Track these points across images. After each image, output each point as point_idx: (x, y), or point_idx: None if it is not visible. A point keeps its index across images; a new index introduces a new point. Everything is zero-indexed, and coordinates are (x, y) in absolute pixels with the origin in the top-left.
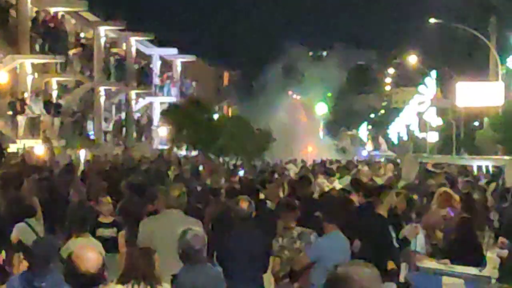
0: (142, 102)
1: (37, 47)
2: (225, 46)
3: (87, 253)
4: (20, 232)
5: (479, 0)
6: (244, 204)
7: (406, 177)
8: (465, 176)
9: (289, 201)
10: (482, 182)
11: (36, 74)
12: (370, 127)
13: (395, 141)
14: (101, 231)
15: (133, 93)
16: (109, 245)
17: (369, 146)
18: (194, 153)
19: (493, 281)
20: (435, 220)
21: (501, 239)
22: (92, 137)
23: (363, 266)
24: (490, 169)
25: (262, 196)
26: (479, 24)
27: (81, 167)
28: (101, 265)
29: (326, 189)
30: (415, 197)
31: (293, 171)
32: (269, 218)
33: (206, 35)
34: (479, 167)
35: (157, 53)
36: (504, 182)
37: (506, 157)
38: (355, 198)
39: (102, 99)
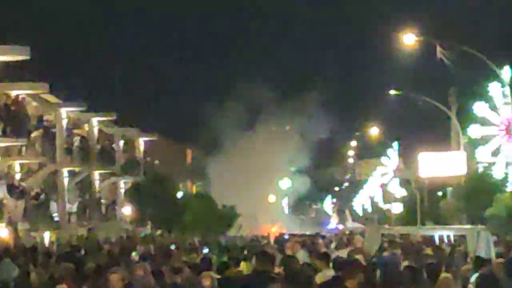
0: (106, 182)
1: None
2: (188, 124)
3: None
4: None
5: (438, 71)
6: (206, 281)
7: (368, 249)
8: (427, 246)
9: (272, 274)
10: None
11: None
12: (334, 200)
13: (360, 213)
14: None
15: (96, 174)
16: None
17: (335, 219)
18: (158, 232)
19: None
20: None
21: None
22: (56, 218)
23: None
24: (452, 238)
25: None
26: (439, 95)
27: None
28: None
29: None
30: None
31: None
32: None
33: (168, 113)
34: (441, 237)
35: (119, 132)
36: (467, 250)
37: (468, 226)
38: (327, 272)
39: (66, 180)
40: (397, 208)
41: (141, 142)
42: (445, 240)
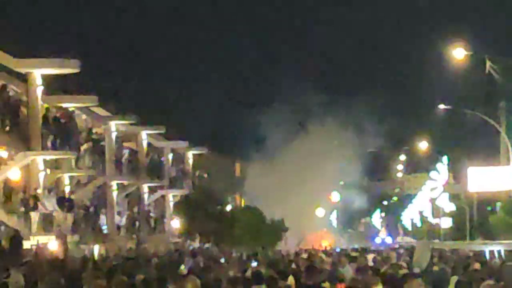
0: (155, 195)
1: (48, 144)
2: (237, 137)
3: None
4: None
5: (488, 85)
6: None
7: (418, 264)
8: (476, 260)
9: None
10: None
11: (48, 170)
12: (383, 214)
13: (409, 228)
14: None
15: (145, 187)
16: None
17: (383, 233)
18: (207, 245)
19: None
20: None
21: None
22: (105, 231)
23: None
24: (503, 253)
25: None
26: (488, 109)
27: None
28: None
29: None
30: None
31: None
32: None
33: (217, 127)
34: (492, 252)
35: (168, 146)
36: None
37: None
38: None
39: (115, 193)
40: (446, 223)
41: (190, 156)
42: (496, 255)
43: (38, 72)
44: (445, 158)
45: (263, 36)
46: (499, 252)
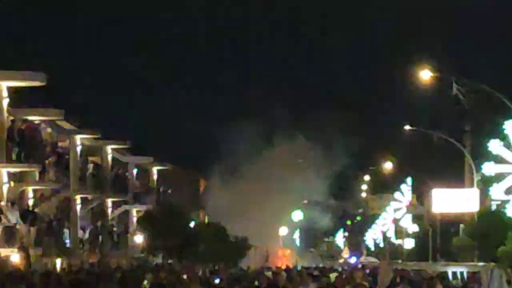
0: (119, 210)
1: (13, 156)
2: (202, 153)
3: None
4: None
5: (453, 107)
6: None
7: (381, 284)
8: (439, 282)
9: None
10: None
11: (12, 183)
12: (346, 234)
13: (372, 248)
14: None
15: (109, 201)
16: None
17: (346, 253)
18: (170, 261)
19: None
20: None
21: None
22: (68, 245)
23: None
24: (465, 274)
25: None
26: (454, 131)
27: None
28: None
29: None
30: None
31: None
32: None
33: (182, 142)
34: (454, 273)
35: (133, 161)
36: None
37: (481, 264)
38: None
39: (78, 207)
40: (409, 244)
41: (154, 171)
42: (458, 276)
43: (4, 85)
44: (409, 179)
45: (229, 50)
46: (461, 273)
